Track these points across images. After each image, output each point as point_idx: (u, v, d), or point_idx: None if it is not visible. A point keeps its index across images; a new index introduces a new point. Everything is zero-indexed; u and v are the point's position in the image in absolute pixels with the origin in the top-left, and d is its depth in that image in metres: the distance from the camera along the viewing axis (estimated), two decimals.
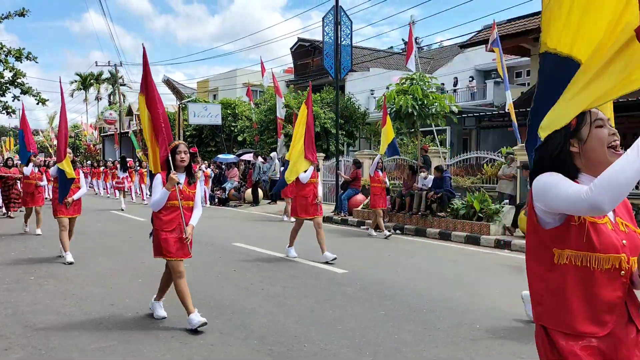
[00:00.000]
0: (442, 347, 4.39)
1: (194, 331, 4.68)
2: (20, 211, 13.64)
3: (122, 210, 16.86)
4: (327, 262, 7.96)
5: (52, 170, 8.11)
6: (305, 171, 8.36)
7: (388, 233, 11.02)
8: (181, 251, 4.83)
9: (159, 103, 5.16)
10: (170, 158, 4.81)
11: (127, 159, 22.25)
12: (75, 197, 8.01)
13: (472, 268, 8.01)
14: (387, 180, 12.09)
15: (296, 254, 8.43)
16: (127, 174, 20.20)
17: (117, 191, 20.05)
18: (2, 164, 15.74)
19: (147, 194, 21.78)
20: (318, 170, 8.58)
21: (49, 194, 20.07)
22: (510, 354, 4.21)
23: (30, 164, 11.51)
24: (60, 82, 8.44)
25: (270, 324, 4.99)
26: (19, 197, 14.02)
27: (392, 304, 5.69)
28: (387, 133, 11.92)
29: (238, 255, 8.65)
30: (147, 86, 5.20)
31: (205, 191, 19.77)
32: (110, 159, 31.10)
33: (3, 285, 6.50)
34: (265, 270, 7.49)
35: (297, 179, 8.44)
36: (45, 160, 15.23)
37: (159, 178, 4.82)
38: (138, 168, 21.23)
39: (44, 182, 11.51)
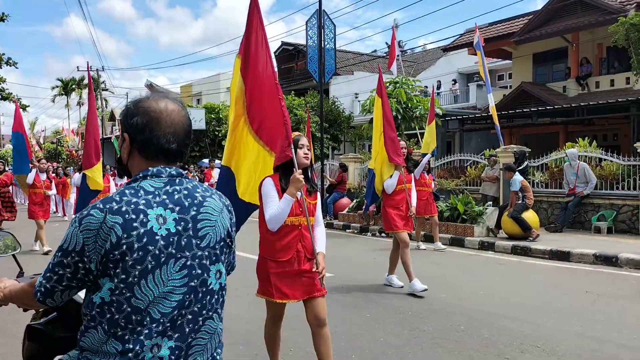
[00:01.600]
0: (427, 349, 4.41)
1: None
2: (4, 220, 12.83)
3: None
4: (412, 294, 6.32)
5: (76, 179, 7.55)
6: (390, 176, 6.53)
7: (443, 247, 9.98)
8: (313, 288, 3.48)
9: (263, 72, 3.68)
10: (293, 152, 3.40)
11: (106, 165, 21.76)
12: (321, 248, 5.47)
13: (456, 270, 8.06)
14: (435, 183, 11.08)
15: (402, 283, 6.64)
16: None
17: None
18: None
19: None
20: (410, 172, 6.90)
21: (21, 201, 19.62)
22: (494, 355, 4.25)
23: (34, 170, 10.15)
24: (88, 70, 7.38)
25: (255, 329, 4.97)
26: (11, 206, 12.66)
27: (378, 307, 5.71)
28: (432, 131, 11.43)
29: None
30: (247, 45, 3.67)
31: None
32: (107, 165, 30.45)
33: None
34: (251, 276, 7.42)
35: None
36: (54, 166, 14.75)
37: (269, 183, 3.41)
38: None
39: (53, 191, 10.33)
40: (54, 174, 16.29)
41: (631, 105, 15.44)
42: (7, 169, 15.51)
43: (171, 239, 1.50)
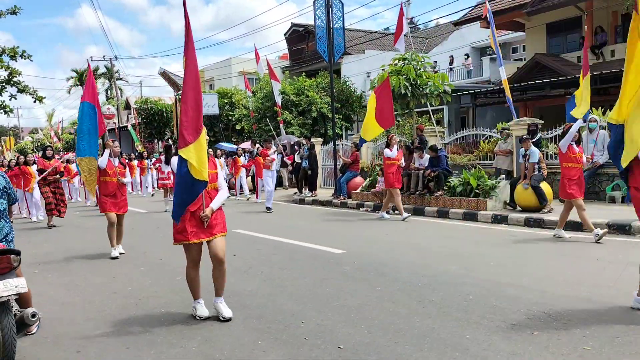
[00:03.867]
0: (435, 317, 4.51)
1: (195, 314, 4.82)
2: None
3: (167, 211, 13.54)
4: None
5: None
6: None
7: (601, 231, 7.70)
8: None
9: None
10: None
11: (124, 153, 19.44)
12: (214, 205, 4.73)
13: (468, 243, 8.12)
14: (587, 157, 9.24)
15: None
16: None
17: (162, 189, 15.87)
18: (39, 155, 13.89)
19: (145, 187, 21.88)
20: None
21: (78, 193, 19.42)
22: (501, 322, 4.33)
23: (106, 153, 8.23)
24: (185, 5, 5.13)
25: (268, 303, 5.12)
26: (63, 197, 12.27)
27: (388, 281, 5.82)
28: (585, 89, 8.39)
29: (239, 241, 8.78)
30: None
31: None
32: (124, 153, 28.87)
33: None
34: (264, 254, 7.62)
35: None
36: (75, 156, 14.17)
37: None
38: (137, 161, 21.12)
39: (128, 179, 8.53)
40: (127, 159, 15.76)
41: None
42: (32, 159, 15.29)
43: None
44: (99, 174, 8.07)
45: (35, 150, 45.10)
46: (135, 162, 20.29)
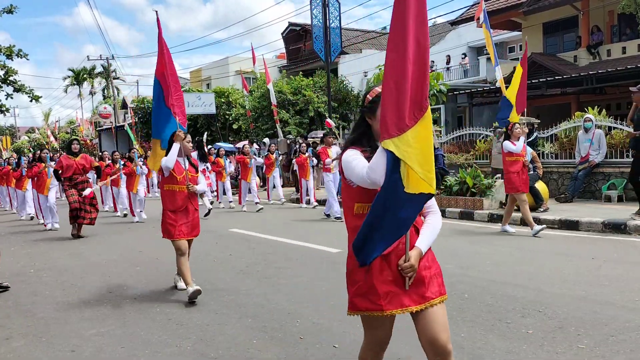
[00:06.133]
0: None
1: (190, 313, 4.81)
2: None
3: (207, 215, 11.46)
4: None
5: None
6: None
7: (539, 227, 8.27)
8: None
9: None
10: None
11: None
12: (424, 242, 2.73)
13: (464, 242, 8.12)
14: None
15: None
16: (208, 164, 14.55)
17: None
18: (40, 153, 11.88)
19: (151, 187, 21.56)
20: None
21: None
22: (496, 320, 4.33)
23: (175, 147, 5.54)
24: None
25: (264, 302, 5.11)
26: (93, 200, 9.89)
27: None
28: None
29: (234, 241, 8.77)
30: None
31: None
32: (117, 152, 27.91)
33: (3, 278, 6.61)
34: (260, 253, 7.62)
35: None
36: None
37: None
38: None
39: (203, 186, 5.82)
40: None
41: None
42: (22, 162, 14.10)
43: None
44: (162, 178, 5.58)
45: (31, 149, 44.91)
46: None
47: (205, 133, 22.27)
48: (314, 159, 13.28)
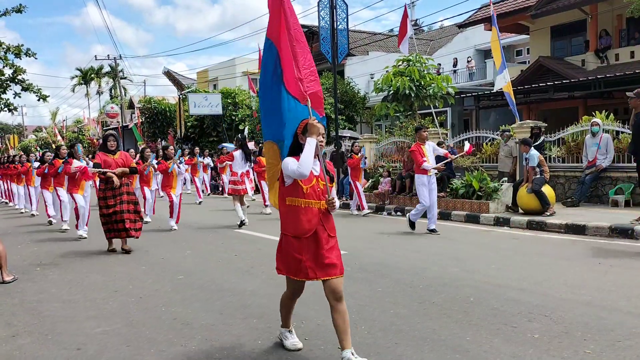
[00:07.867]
0: (435, 319, 4.51)
1: (195, 313, 4.82)
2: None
3: (243, 225, 10.40)
4: None
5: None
6: None
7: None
8: None
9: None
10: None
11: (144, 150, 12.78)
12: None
13: (470, 245, 8.11)
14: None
15: None
16: (251, 165, 12.73)
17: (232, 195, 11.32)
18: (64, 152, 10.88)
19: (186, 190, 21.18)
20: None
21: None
22: (501, 324, 4.32)
23: (311, 142, 3.59)
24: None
25: (269, 303, 5.11)
26: (137, 207, 8.29)
27: (389, 282, 5.81)
28: None
29: (240, 241, 8.78)
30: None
31: (204, 179, 19.86)
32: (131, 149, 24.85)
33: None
34: (266, 254, 7.61)
35: None
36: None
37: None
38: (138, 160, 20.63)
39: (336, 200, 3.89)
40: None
41: None
42: (31, 160, 14.81)
43: None
44: (281, 188, 3.79)
45: (39, 148, 45.14)
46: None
47: (246, 128, 21.75)
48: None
